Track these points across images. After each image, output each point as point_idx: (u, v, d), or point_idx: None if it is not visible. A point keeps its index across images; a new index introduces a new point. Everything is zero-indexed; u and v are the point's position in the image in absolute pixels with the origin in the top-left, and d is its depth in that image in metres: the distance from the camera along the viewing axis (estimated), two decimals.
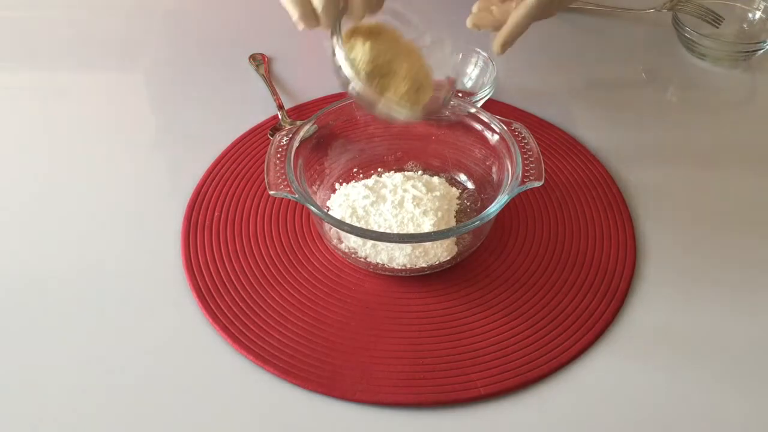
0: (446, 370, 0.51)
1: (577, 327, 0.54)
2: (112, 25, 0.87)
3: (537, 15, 0.56)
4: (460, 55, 0.74)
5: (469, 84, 0.75)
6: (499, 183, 0.58)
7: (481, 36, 0.71)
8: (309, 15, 0.50)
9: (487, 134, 0.60)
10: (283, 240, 0.60)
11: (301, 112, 0.73)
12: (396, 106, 0.51)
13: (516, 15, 0.57)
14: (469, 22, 0.60)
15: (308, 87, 0.76)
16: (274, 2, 0.90)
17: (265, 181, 0.53)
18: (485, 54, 0.72)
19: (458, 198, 0.62)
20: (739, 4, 0.85)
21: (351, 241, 0.56)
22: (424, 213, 0.57)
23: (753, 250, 0.61)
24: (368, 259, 0.56)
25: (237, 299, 0.55)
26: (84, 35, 0.85)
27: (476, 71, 0.74)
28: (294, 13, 0.50)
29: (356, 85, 0.50)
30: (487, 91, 0.69)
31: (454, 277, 0.57)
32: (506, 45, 0.58)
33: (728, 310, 0.56)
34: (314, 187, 0.60)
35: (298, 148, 0.56)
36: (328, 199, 0.61)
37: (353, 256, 0.56)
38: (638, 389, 0.51)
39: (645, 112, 0.76)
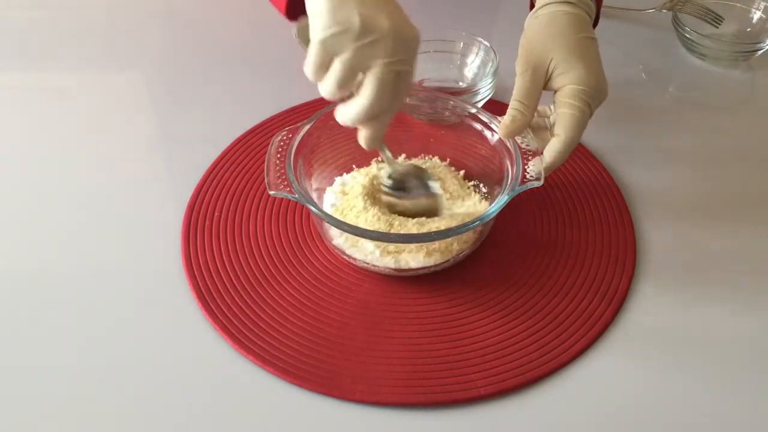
0: (446, 370, 0.51)
1: (576, 327, 0.54)
2: (112, 25, 0.87)
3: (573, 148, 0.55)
4: (462, 44, 0.74)
5: (470, 75, 0.74)
6: (499, 183, 0.58)
7: (483, 25, 0.70)
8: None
9: (487, 134, 0.60)
10: (283, 240, 0.60)
11: (301, 112, 0.73)
12: None
13: (555, 150, 0.55)
14: (503, 133, 0.57)
15: (308, 87, 0.76)
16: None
17: (265, 181, 0.53)
18: (487, 43, 0.72)
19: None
20: (739, 4, 0.85)
21: (344, 239, 0.56)
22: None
23: (753, 250, 0.61)
24: (367, 259, 0.56)
25: (237, 299, 0.55)
26: (84, 35, 0.85)
27: (477, 61, 0.74)
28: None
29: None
30: (488, 88, 0.69)
31: (454, 277, 0.57)
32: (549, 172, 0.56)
33: (728, 310, 0.56)
34: (314, 187, 0.60)
35: (298, 148, 0.56)
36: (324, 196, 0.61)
37: (350, 254, 0.56)
38: (638, 389, 0.51)
39: (645, 112, 0.76)
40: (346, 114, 0.49)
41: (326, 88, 0.48)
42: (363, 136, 0.50)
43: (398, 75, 0.47)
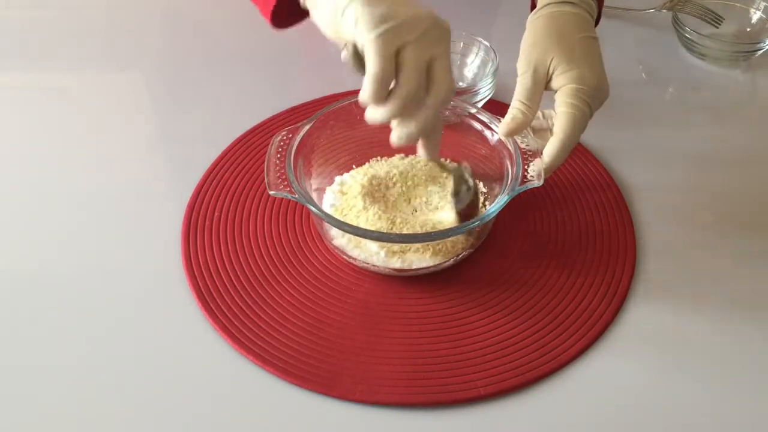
0: (446, 370, 0.51)
1: (577, 327, 0.54)
2: (112, 25, 0.88)
3: (573, 145, 0.55)
4: (462, 44, 0.74)
5: (470, 75, 0.74)
6: (499, 183, 0.58)
7: (483, 25, 0.70)
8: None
9: (487, 134, 0.60)
10: (283, 240, 0.60)
11: (301, 112, 0.73)
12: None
13: (554, 149, 0.55)
14: (503, 132, 0.56)
15: (308, 87, 0.76)
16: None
17: (265, 181, 0.53)
18: (487, 43, 0.72)
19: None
20: (739, 4, 0.85)
21: (346, 240, 0.56)
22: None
23: (753, 249, 0.61)
24: (370, 259, 0.56)
25: (237, 299, 0.55)
26: (84, 35, 0.85)
27: (477, 61, 0.74)
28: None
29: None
30: (488, 88, 0.69)
31: (454, 277, 0.57)
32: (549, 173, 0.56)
33: (728, 310, 0.56)
34: (313, 187, 0.60)
35: (298, 148, 0.56)
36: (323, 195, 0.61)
37: (353, 254, 0.56)
38: (638, 389, 0.51)
39: (645, 112, 0.76)
40: (424, 116, 0.47)
41: (404, 87, 0.44)
42: (428, 149, 0.52)
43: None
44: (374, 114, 0.46)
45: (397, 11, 0.44)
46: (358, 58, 0.46)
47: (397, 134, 0.47)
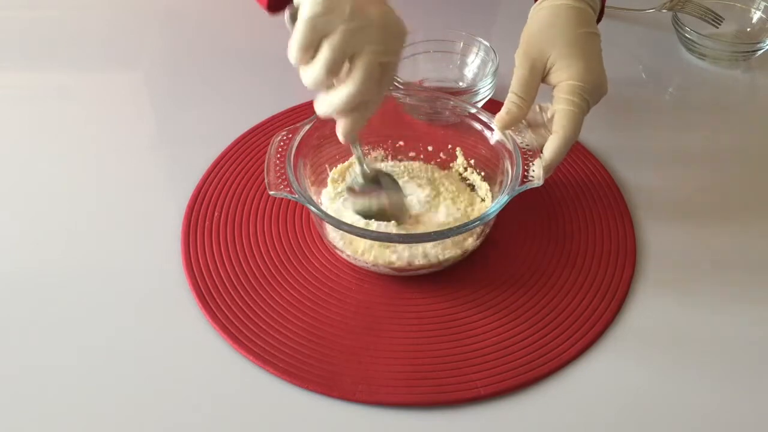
0: (446, 370, 0.51)
1: (577, 327, 0.54)
2: (112, 25, 0.87)
3: (573, 142, 0.55)
4: (462, 44, 0.74)
5: (470, 75, 0.74)
6: (499, 183, 0.58)
7: (483, 25, 0.70)
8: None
9: (487, 134, 0.60)
10: (283, 240, 0.60)
11: (301, 112, 0.73)
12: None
13: (554, 147, 0.55)
14: (498, 125, 0.57)
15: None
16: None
17: (265, 181, 0.53)
18: (487, 43, 0.72)
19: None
20: (739, 4, 0.85)
21: (341, 239, 0.56)
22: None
23: (753, 249, 0.61)
24: (367, 259, 0.56)
25: (237, 299, 0.55)
26: (84, 35, 0.85)
27: (477, 61, 0.74)
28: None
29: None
30: (488, 88, 0.69)
31: (454, 277, 0.57)
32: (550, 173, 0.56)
33: (728, 309, 0.56)
34: (314, 187, 0.60)
35: (298, 148, 0.56)
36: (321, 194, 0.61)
37: (351, 254, 0.56)
38: (638, 389, 0.51)
39: (645, 112, 0.76)
40: (328, 103, 0.48)
41: (312, 74, 0.47)
42: (341, 128, 0.50)
43: (384, 66, 0.47)
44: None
45: (341, 3, 0.44)
46: (293, 19, 0.47)
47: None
